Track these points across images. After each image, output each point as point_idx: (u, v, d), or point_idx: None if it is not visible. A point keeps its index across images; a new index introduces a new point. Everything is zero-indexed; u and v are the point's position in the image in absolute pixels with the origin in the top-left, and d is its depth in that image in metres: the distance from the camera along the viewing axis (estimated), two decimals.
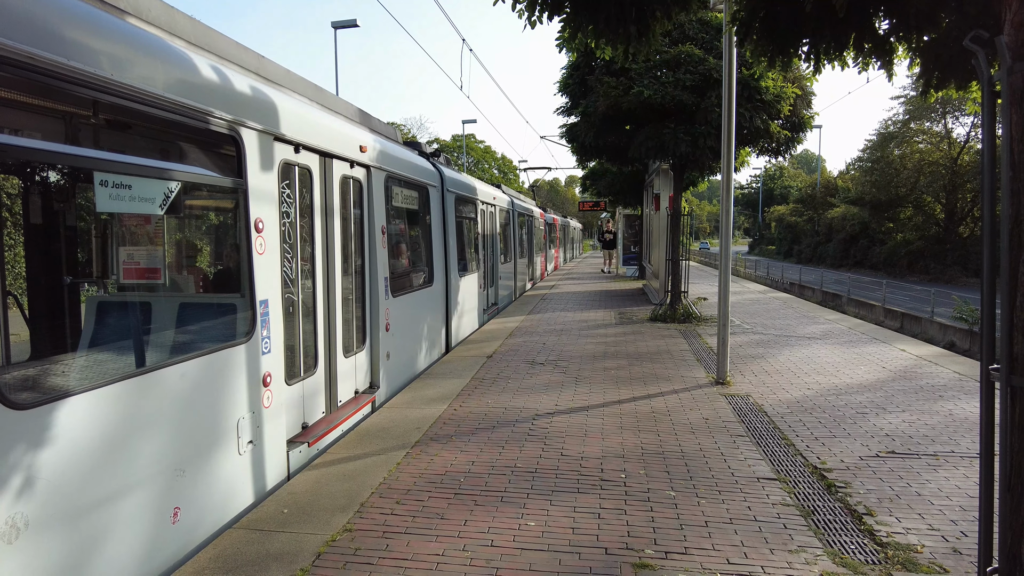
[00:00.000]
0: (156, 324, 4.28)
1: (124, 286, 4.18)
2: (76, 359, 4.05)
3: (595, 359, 8.65)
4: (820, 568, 3.33)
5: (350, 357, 5.93)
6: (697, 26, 11.56)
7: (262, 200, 4.30)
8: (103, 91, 2.99)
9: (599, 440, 5.33)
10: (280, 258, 4.56)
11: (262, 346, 4.26)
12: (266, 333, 4.31)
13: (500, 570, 3.32)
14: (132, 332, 4.05)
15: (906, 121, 36.92)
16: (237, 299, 4.29)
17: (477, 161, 57.96)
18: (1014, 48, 2.23)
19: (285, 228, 4.73)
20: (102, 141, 3.53)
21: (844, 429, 5.57)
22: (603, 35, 4.60)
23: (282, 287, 4.58)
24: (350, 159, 5.84)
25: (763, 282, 30.19)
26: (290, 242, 4.84)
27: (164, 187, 3.47)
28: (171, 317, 4.36)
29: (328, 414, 5.49)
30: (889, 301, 20.95)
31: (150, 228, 4.25)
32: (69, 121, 3.72)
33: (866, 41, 4.16)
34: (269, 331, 4.35)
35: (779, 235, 55.47)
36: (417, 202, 8.31)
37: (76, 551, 2.80)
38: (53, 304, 4.24)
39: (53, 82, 2.74)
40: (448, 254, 9.45)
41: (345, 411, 5.68)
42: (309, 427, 5.14)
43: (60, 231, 4.27)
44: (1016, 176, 2.21)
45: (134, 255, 4.17)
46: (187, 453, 3.52)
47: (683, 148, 10.94)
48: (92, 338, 4.06)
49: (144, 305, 4.28)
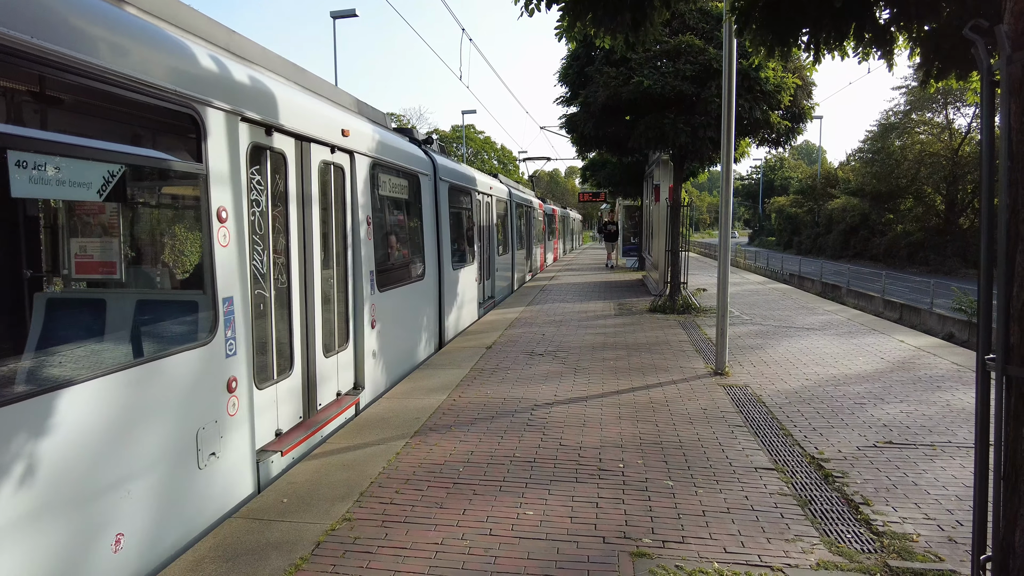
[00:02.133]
0: (98, 327, 3.71)
1: (68, 281, 3.62)
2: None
3: (594, 350, 8.66)
4: (817, 557, 3.35)
5: (331, 357, 5.58)
6: (697, 16, 11.49)
7: (226, 187, 3.90)
8: (16, 55, 2.58)
9: (598, 430, 5.35)
10: (249, 251, 4.19)
11: (226, 348, 3.89)
12: (231, 334, 3.93)
13: (498, 559, 3.34)
14: (67, 336, 3.43)
15: (907, 112, 36.76)
16: (197, 296, 3.87)
17: (477, 152, 57.81)
18: (1014, 37, 2.22)
19: (255, 218, 4.36)
20: (20, 115, 3.00)
21: (842, 419, 5.59)
22: (602, 24, 4.58)
23: (251, 283, 4.22)
24: (331, 144, 5.45)
25: (763, 273, 30.19)
26: (261, 233, 4.46)
27: (103, 170, 3.10)
28: (116, 318, 3.80)
29: (306, 419, 5.14)
30: (888, 292, 20.95)
31: (91, 217, 3.69)
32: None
33: (866, 31, 4.15)
34: (235, 331, 3.97)
35: (779, 226, 55.36)
36: (407, 191, 7.92)
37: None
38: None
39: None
40: (441, 246, 9.13)
41: (325, 415, 5.33)
42: (284, 434, 4.80)
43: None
44: (1014, 166, 2.20)
45: (87, 247, 3.61)
46: (134, 471, 3.15)
47: (683, 139, 10.90)
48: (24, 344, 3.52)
49: (84, 305, 3.76)
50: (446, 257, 9.36)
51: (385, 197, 7.06)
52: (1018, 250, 2.21)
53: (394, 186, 7.40)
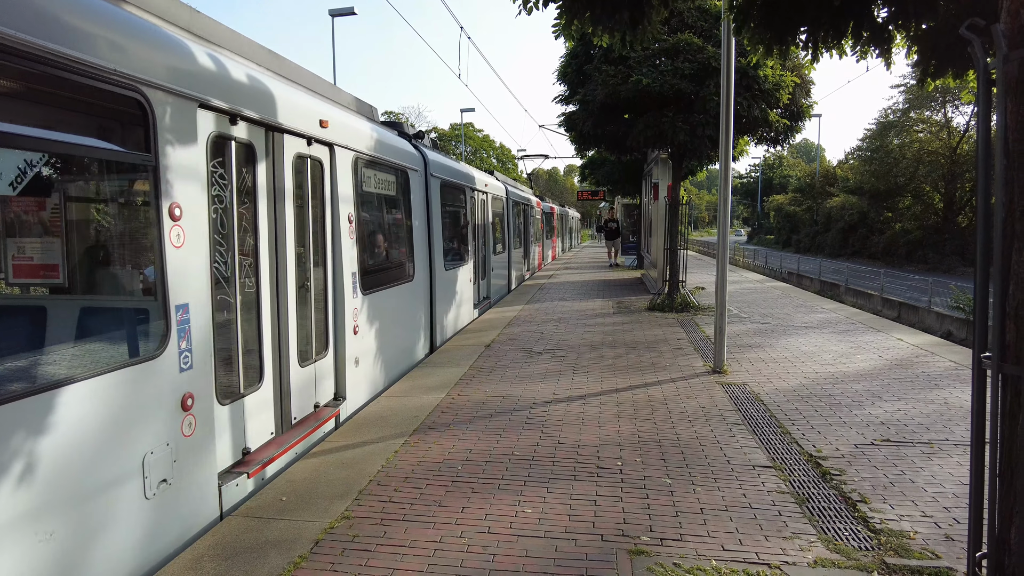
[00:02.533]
0: (17, 341, 3.30)
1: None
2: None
3: (593, 348, 8.67)
4: (814, 554, 3.36)
5: (308, 366, 5.15)
6: (696, 14, 11.50)
7: (181, 181, 3.48)
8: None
9: (596, 428, 5.36)
10: (210, 252, 3.79)
11: (180, 361, 3.47)
12: (185, 345, 3.51)
13: (497, 556, 3.35)
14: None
15: (906, 110, 36.78)
16: (145, 304, 3.46)
17: (476, 150, 57.81)
18: (1010, 36, 2.23)
19: (218, 216, 3.96)
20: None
21: (840, 417, 5.60)
22: (600, 22, 4.58)
23: (213, 287, 3.81)
24: (308, 135, 5.05)
25: (761, 271, 30.22)
26: (225, 232, 4.04)
27: (17, 160, 2.80)
28: (43, 331, 3.44)
29: (279, 435, 4.74)
30: (887, 290, 20.98)
31: (30, 215, 3.35)
32: None
33: (864, 29, 4.16)
34: (191, 342, 3.55)
35: (778, 224, 55.40)
36: (396, 188, 7.49)
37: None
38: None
39: None
40: (433, 245, 8.71)
41: (301, 429, 4.92)
42: (252, 453, 4.38)
43: None
44: (1010, 165, 2.21)
45: (25, 248, 3.32)
46: (59, 508, 2.74)
47: (682, 137, 10.91)
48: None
49: (10, 315, 3.42)
50: (438, 257, 9.00)
51: (371, 194, 6.70)
52: (1014, 248, 2.21)
53: (380, 182, 7.02)
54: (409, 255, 7.90)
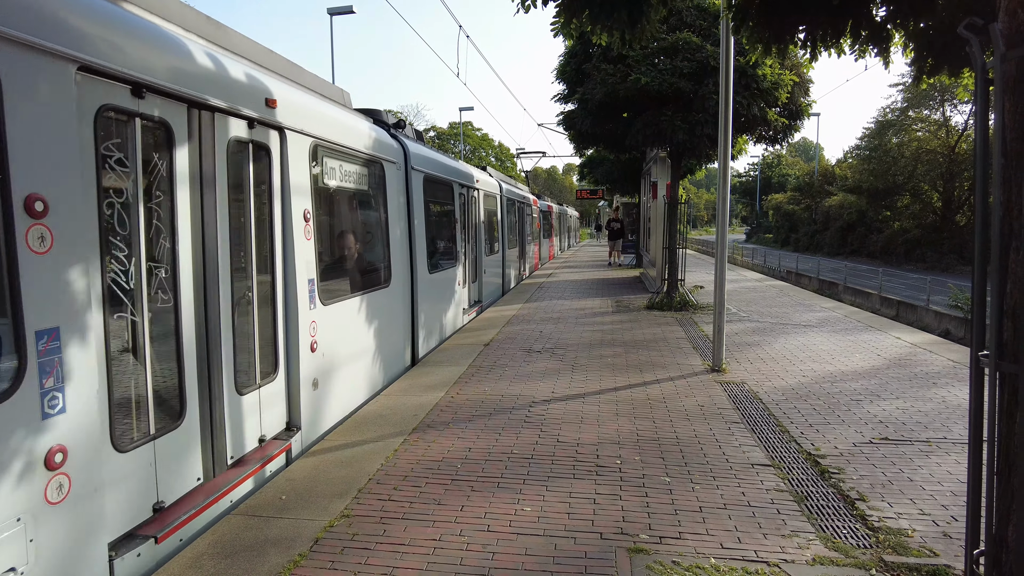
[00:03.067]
0: None
1: None
2: None
3: (592, 347, 8.68)
4: (813, 552, 3.37)
5: (250, 393, 4.33)
6: (695, 13, 11.50)
7: (45, 164, 2.69)
8: None
9: (595, 427, 5.37)
10: (101, 259, 3.06)
11: (43, 405, 2.66)
12: (52, 383, 2.71)
13: (496, 555, 3.36)
14: None
15: (904, 109, 36.80)
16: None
17: (474, 149, 57.80)
18: (1008, 35, 2.23)
19: (114, 213, 3.19)
20: None
21: (838, 416, 5.61)
22: (598, 21, 4.59)
23: (104, 305, 3.07)
24: (249, 116, 4.25)
25: (760, 270, 30.23)
26: (125, 234, 3.27)
27: None
28: None
29: (208, 480, 3.92)
30: (885, 289, 21.00)
31: None
32: None
33: (863, 28, 4.16)
34: (62, 378, 2.75)
35: (776, 223, 55.45)
36: (368, 181, 6.59)
37: None
38: None
39: None
40: (414, 246, 7.85)
41: (240, 471, 4.10)
42: (166, 509, 3.52)
43: None
44: (1008, 164, 2.22)
45: None
46: None
47: (680, 136, 10.92)
48: None
49: None
50: (421, 259, 8.12)
51: (335, 187, 5.81)
52: (1011, 247, 2.22)
53: (348, 175, 6.10)
54: (384, 257, 7.05)
